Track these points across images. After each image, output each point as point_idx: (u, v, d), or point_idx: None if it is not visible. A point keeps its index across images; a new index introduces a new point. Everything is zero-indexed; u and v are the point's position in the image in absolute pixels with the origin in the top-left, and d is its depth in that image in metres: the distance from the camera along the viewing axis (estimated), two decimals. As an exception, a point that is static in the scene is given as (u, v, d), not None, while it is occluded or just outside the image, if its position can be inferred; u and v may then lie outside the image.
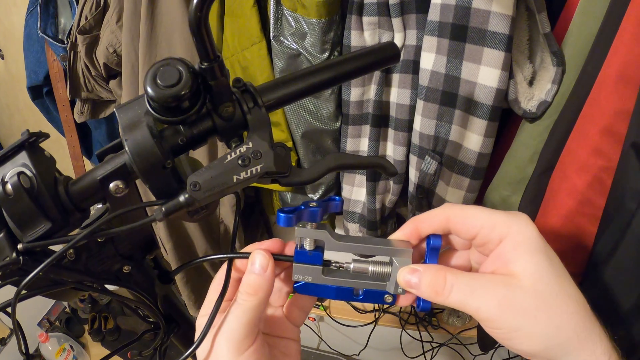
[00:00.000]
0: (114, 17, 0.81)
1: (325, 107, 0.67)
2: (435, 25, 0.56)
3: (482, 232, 0.29)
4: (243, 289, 0.30)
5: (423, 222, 0.32)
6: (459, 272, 0.29)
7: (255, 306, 0.30)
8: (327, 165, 0.30)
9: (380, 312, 1.23)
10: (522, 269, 0.27)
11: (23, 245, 0.29)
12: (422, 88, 0.60)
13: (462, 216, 0.30)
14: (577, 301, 0.27)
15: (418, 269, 0.30)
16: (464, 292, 0.28)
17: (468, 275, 0.29)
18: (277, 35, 0.65)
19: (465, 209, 0.30)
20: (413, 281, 0.29)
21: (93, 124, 1.06)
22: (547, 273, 0.27)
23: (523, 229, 0.28)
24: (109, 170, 0.29)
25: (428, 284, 0.29)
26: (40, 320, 1.63)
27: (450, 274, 0.28)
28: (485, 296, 0.27)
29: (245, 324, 0.29)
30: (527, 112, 0.56)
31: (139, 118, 0.28)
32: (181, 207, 0.27)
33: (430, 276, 0.29)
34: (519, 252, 0.28)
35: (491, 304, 0.27)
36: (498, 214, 0.29)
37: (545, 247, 0.28)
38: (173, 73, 0.26)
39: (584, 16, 0.51)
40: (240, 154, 0.27)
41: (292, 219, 0.30)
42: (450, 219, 0.31)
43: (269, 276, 0.30)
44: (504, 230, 0.28)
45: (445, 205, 0.32)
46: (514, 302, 0.26)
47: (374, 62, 0.34)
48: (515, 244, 0.28)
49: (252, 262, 0.31)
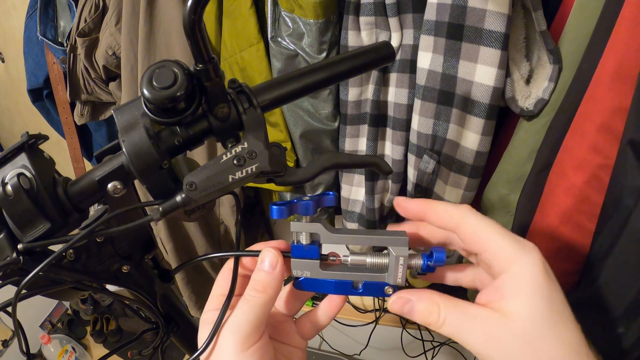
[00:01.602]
0: (112, 20, 0.82)
1: (324, 107, 0.68)
2: (432, 24, 0.56)
3: (487, 255, 0.29)
4: (252, 286, 0.31)
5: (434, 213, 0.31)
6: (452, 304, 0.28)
7: (264, 303, 0.30)
8: (322, 164, 0.30)
9: (381, 312, 1.23)
10: (516, 309, 0.26)
11: (23, 245, 0.29)
12: (419, 87, 0.60)
13: (474, 230, 0.29)
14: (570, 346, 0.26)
15: (411, 299, 0.30)
16: (455, 327, 0.28)
17: (461, 307, 0.28)
18: (275, 36, 0.66)
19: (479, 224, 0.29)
20: (406, 310, 0.30)
21: (93, 126, 1.07)
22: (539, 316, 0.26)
23: (529, 267, 0.27)
24: (106, 171, 0.30)
25: (421, 315, 0.29)
26: (42, 322, 1.64)
27: (443, 307, 0.28)
28: (474, 332, 0.27)
29: (252, 320, 0.30)
30: (525, 110, 0.56)
31: (136, 119, 0.28)
32: (178, 207, 0.28)
33: (424, 306, 0.29)
34: (517, 291, 0.27)
35: (479, 340, 0.27)
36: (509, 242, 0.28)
37: (548, 289, 0.27)
38: (168, 75, 0.26)
39: (580, 14, 0.51)
40: (235, 153, 0.28)
41: (284, 211, 0.30)
42: (461, 227, 0.30)
43: (277, 274, 0.31)
44: (508, 262, 0.28)
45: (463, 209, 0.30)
46: (501, 343, 0.26)
47: (369, 61, 0.34)
48: (516, 282, 0.27)
49: (261, 259, 0.31)
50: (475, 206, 0.68)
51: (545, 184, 0.58)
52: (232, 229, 0.90)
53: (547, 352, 0.26)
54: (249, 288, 0.31)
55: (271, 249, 0.32)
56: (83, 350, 1.62)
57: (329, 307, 0.36)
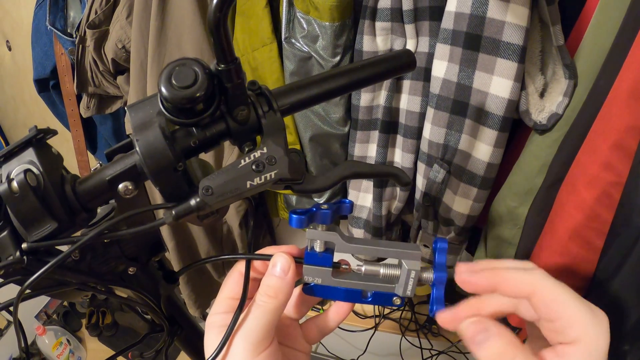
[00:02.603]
0: (124, 13, 0.81)
1: (335, 112, 0.67)
2: (449, 33, 0.55)
3: (561, 323, 0.27)
4: (263, 291, 0.30)
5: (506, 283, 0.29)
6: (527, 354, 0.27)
7: (275, 308, 0.30)
8: (341, 173, 0.29)
9: (380, 318, 1.22)
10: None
11: (27, 244, 0.28)
12: (433, 96, 0.59)
13: (551, 298, 0.28)
14: None
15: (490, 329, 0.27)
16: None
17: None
18: (289, 37, 0.65)
19: (556, 290, 0.28)
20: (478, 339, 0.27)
21: (98, 119, 1.06)
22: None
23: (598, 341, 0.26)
24: (118, 171, 0.29)
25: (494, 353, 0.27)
26: (37, 313, 1.63)
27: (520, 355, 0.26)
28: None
29: (264, 326, 0.29)
30: (538, 124, 0.55)
31: (151, 118, 0.28)
32: (192, 211, 0.27)
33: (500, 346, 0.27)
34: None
35: None
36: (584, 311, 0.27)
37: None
38: (189, 74, 0.25)
39: (598, 30, 0.50)
40: (254, 159, 0.27)
41: (304, 221, 0.29)
42: (536, 294, 0.28)
43: (289, 280, 0.30)
44: (581, 333, 0.27)
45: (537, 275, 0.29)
46: None
47: (390, 69, 0.33)
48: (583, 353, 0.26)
49: (273, 264, 0.31)
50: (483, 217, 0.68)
51: (555, 198, 0.57)
52: (235, 229, 0.89)
53: None
54: (260, 293, 0.30)
55: (283, 254, 0.31)
56: (77, 343, 1.61)
57: (337, 313, 0.36)
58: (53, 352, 1.49)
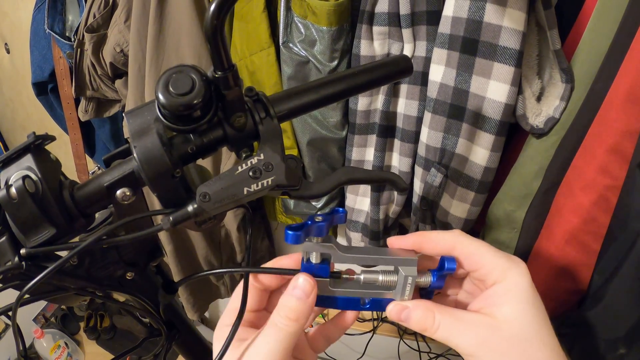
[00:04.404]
0: (122, 17, 0.81)
1: (332, 116, 0.67)
2: (446, 37, 0.55)
3: (482, 271, 0.31)
4: (285, 313, 0.30)
5: (428, 241, 0.33)
6: (446, 311, 0.31)
7: (296, 332, 0.30)
8: (338, 179, 0.29)
9: (379, 321, 1.22)
10: (505, 314, 0.29)
11: (26, 250, 0.28)
12: (430, 100, 0.60)
13: (469, 251, 0.32)
14: (553, 350, 0.29)
15: (407, 306, 0.32)
16: (449, 330, 0.30)
17: (453, 313, 0.31)
18: (287, 41, 0.65)
19: (473, 244, 0.32)
20: (403, 316, 0.32)
21: (97, 122, 1.06)
22: (527, 321, 0.29)
23: (518, 278, 0.30)
24: (116, 177, 0.29)
25: (417, 321, 0.31)
26: (35, 316, 1.62)
27: (438, 314, 0.31)
28: (466, 335, 0.30)
29: (285, 349, 0.29)
30: (535, 128, 0.55)
31: (149, 124, 0.28)
32: (189, 218, 0.27)
33: (419, 314, 0.31)
34: (507, 298, 0.30)
35: (471, 342, 0.29)
36: (500, 258, 0.31)
37: (533, 298, 0.30)
38: (186, 81, 0.26)
39: (595, 34, 0.51)
40: (251, 165, 0.27)
41: (300, 237, 0.30)
42: (457, 249, 0.32)
43: (311, 302, 0.31)
44: (500, 275, 0.31)
45: (455, 233, 0.33)
46: (491, 343, 0.29)
47: (387, 75, 0.34)
48: (506, 290, 0.30)
49: (295, 286, 0.31)
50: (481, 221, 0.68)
51: (552, 202, 0.58)
52: (233, 233, 0.89)
53: (534, 353, 0.29)
54: (281, 315, 0.30)
55: (306, 277, 0.31)
56: (76, 346, 1.60)
57: (342, 321, 0.36)
58: (51, 355, 1.49)
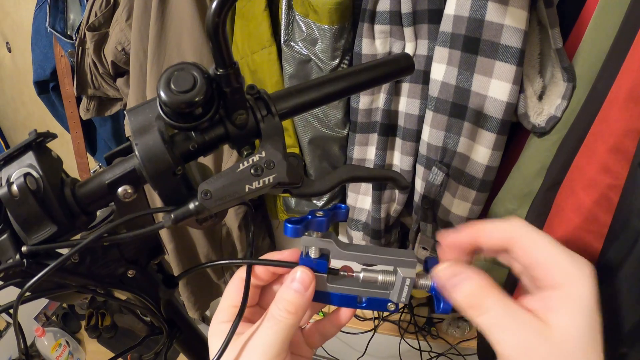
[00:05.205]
0: (123, 15, 0.81)
1: (334, 114, 0.67)
2: (448, 36, 0.55)
3: (541, 269, 0.27)
4: (283, 306, 0.30)
5: (485, 234, 0.30)
6: (501, 298, 0.27)
7: (294, 324, 0.30)
8: (339, 177, 0.29)
9: (379, 320, 1.22)
10: (559, 323, 0.26)
11: (27, 247, 0.28)
12: (431, 99, 0.59)
13: (528, 244, 0.28)
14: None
15: (463, 272, 0.28)
16: (496, 320, 0.26)
17: (507, 303, 0.27)
18: (288, 40, 0.65)
19: (534, 237, 0.28)
20: (452, 283, 0.28)
21: (98, 121, 1.06)
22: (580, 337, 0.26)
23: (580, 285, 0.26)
24: (117, 175, 0.29)
25: (467, 295, 0.27)
26: (36, 314, 1.63)
27: (492, 295, 0.27)
28: (511, 333, 0.26)
29: (282, 341, 0.29)
30: (536, 127, 0.55)
31: (150, 122, 0.28)
32: (191, 215, 0.27)
33: (473, 287, 0.27)
34: (565, 306, 0.26)
35: (514, 342, 0.26)
36: (564, 256, 0.27)
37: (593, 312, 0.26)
38: (187, 78, 0.26)
39: (596, 33, 0.51)
40: (252, 163, 0.27)
41: (299, 230, 0.29)
42: (515, 242, 0.28)
43: (309, 295, 0.30)
44: (562, 277, 0.27)
45: (514, 223, 0.29)
46: (535, 351, 0.25)
47: (388, 73, 0.33)
48: (566, 297, 0.26)
49: (293, 279, 0.30)
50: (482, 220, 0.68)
51: (553, 201, 0.57)
52: (234, 231, 0.89)
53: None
54: (279, 308, 0.30)
55: (305, 269, 0.31)
56: (77, 345, 1.61)
57: (339, 317, 0.36)
58: (52, 354, 1.49)
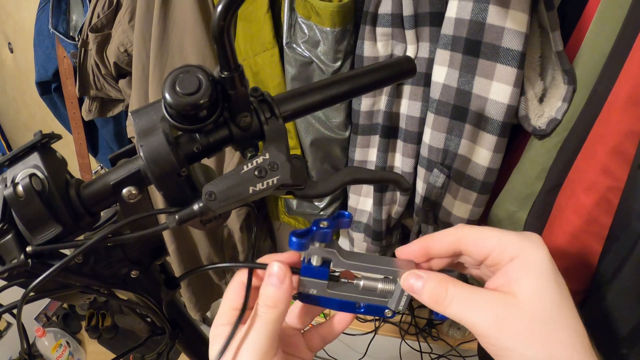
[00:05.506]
0: (126, 17, 0.81)
1: (335, 116, 0.67)
2: (449, 39, 0.56)
3: (494, 254, 0.29)
4: (262, 301, 0.30)
5: (434, 241, 0.32)
6: (461, 284, 0.29)
7: (276, 318, 0.30)
8: (342, 179, 0.30)
9: (380, 322, 1.22)
10: (524, 289, 0.27)
11: (32, 248, 0.29)
12: (433, 101, 0.60)
13: (474, 238, 0.30)
14: (577, 333, 0.26)
15: (422, 275, 0.30)
16: (463, 305, 0.28)
17: (469, 288, 0.28)
18: (290, 42, 0.65)
19: (477, 231, 0.30)
20: (416, 286, 0.30)
21: (100, 122, 1.06)
22: (549, 299, 0.26)
23: (534, 250, 0.28)
24: (122, 176, 0.29)
25: (430, 292, 0.29)
26: (37, 314, 1.63)
27: (452, 286, 0.28)
28: (482, 312, 0.27)
29: (267, 336, 0.29)
30: (537, 129, 0.56)
31: (155, 124, 0.28)
32: (195, 216, 0.27)
33: (433, 285, 0.29)
34: (525, 272, 0.27)
35: (487, 320, 0.27)
36: (511, 235, 0.29)
37: (554, 273, 0.27)
38: (193, 81, 0.26)
39: (597, 36, 0.51)
40: (256, 165, 0.27)
41: (305, 244, 0.30)
42: (462, 241, 0.30)
43: (287, 288, 0.30)
44: (515, 251, 0.28)
45: (458, 226, 0.31)
46: (510, 322, 0.26)
47: (390, 76, 0.34)
48: (523, 265, 0.27)
49: (269, 274, 0.31)
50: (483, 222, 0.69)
51: (554, 203, 0.58)
52: (236, 233, 0.89)
53: (556, 335, 0.26)
54: (259, 304, 0.30)
55: (278, 263, 0.31)
56: (77, 345, 1.61)
57: (339, 321, 0.36)
58: (53, 354, 1.49)
